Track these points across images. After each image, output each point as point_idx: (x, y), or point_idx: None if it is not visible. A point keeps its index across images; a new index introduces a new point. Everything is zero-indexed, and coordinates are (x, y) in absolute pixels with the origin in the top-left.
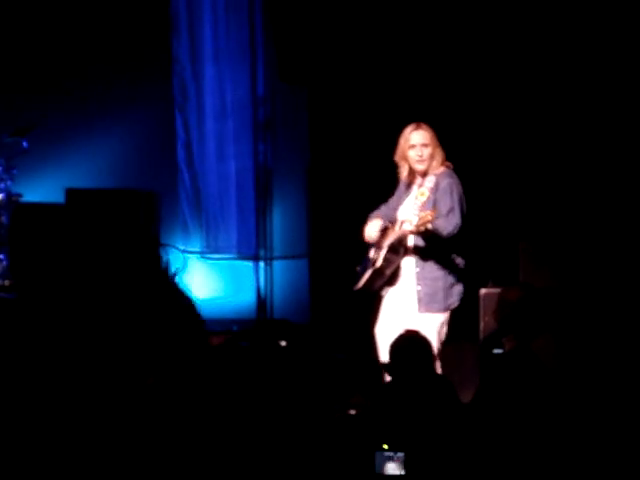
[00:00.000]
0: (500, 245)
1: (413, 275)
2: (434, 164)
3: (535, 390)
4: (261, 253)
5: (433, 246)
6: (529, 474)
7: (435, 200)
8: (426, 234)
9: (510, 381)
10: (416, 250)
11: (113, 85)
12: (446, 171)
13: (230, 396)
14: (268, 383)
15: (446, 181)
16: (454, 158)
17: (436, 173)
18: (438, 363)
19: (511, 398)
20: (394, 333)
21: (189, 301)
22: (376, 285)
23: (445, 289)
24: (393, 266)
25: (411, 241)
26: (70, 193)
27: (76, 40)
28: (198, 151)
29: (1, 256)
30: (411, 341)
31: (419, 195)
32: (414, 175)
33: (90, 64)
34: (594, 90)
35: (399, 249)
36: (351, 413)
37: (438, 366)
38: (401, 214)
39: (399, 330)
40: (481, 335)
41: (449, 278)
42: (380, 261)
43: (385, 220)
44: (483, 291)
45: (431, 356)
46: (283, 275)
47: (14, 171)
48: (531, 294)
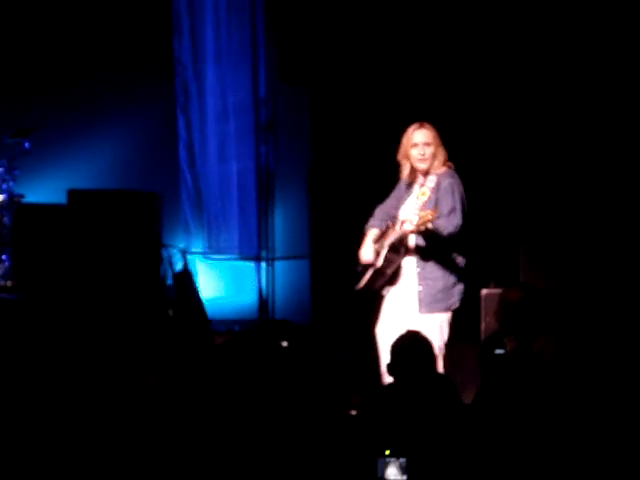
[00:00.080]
0: (501, 246)
1: (414, 275)
2: (436, 164)
3: (536, 390)
4: (263, 254)
5: (434, 246)
6: (531, 474)
7: (436, 200)
8: (427, 233)
9: (511, 381)
10: (417, 250)
11: (115, 86)
12: (447, 171)
13: (232, 396)
14: (269, 383)
15: (447, 181)
16: (456, 160)
17: (437, 173)
18: (441, 363)
19: (512, 398)
20: (395, 333)
21: (200, 302)
22: (377, 285)
23: (446, 289)
24: (394, 266)
25: (412, 241)
26: (72, 194)
27: (78, 41)
28: (200, 152)
29: (3, 257)
30: (412, 341)
31: (420, 195)
32: (415, 174)
33: (92, 65)
34: (594, 94)
35: (400, 249)
36: (352, 414)
37: (441, 366)
38: (402, 214)
39: (400, 330)
40: (482, 335)
41: (450, 278)
42: (381, 261)
43: (383, 225)
44: (484, 292)
45: (432, 356)
46: (285, 275)
47: (16, 172)
48: (532, 295)
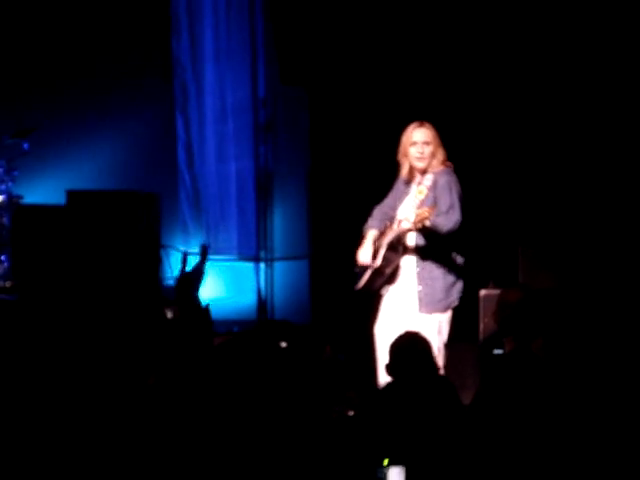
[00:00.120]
0: (500, 247)
1: (414, 275)
2: (434, 163)
3: (535, 391)
4: (262, 254)
5: (434, 244)
6: (530, 475)
7: (434, 198)
8: (426, 231)
9: (510, 382)
10: (417, 250)
11: (113, 86)
12: (445, 169)
13: (230, 396)
14: (268, 384)
15: (444, 179)
16: (455, 160)
17: (435, 171)
18: (441, 362)
19: (511, 399)
20: (394, 333)
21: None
22: (376, 284)
23: (446, 288)
24: (393, 265)
25: (412, 241)
26: (71, 195)
27: (77, 42)
28: (199, 152)
29: (2, 257)
30: (411, 342)
31: (417, 193)
32: (413, 173)
33: (91, 66)
34: (594, 96)
35: (398, 248)
36: (349, 414)
37: (441, 365)
38: (400, 213)
39: (399, 330)
40: (481, 336)
41: (449, 277)
42: (379, 260)
43: (382, 225)
44: (483, 292)
45: (431, 357)
46: (284, 276)
47: (15, 173)
48: (530, 295)
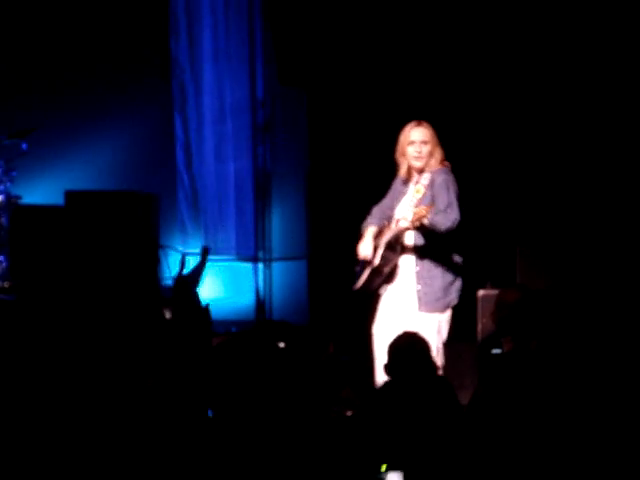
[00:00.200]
0: (498, 247)
1: (413, 274)
2: (432, 162)
3: (533, 391)
4: (260, 254)
5: (433, 243)
6: (528, 475)
7: (432, 196)
8: (423, 230)
9: (508, 382)
10: (416, 249)
11: (112, 86)
12: (442, 169)
13: (229, 397)
14: (267, 384)
15: (441, 177)
16: (453, 160)
17: (432, 171)
18: (440, 361)
19: (509, 399)
20: (392, 332)
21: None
22: (375, 284)
23: (445, 287)
24: (391, 264)
25: (410, 240)
26: (69, 195)
27: (75, 42)
28: (197, 153)
29: (1, 258)
30: (410, 342)
31: (415, 192)
32: (411, 173)
33: (89, 66)
34: (592, 95)
35: (396, 247)
36: (347, 414)
37: (440, 364)
38: (398, 212)
39: (398, 329)
40: (479, 336)
41: (448, 276)
42: (378, 259)
43: (381, 223)
44: (481, 292)
45: (430, 357)
46: (282, 276)
47: (13, 173)
48: (528, 296)
